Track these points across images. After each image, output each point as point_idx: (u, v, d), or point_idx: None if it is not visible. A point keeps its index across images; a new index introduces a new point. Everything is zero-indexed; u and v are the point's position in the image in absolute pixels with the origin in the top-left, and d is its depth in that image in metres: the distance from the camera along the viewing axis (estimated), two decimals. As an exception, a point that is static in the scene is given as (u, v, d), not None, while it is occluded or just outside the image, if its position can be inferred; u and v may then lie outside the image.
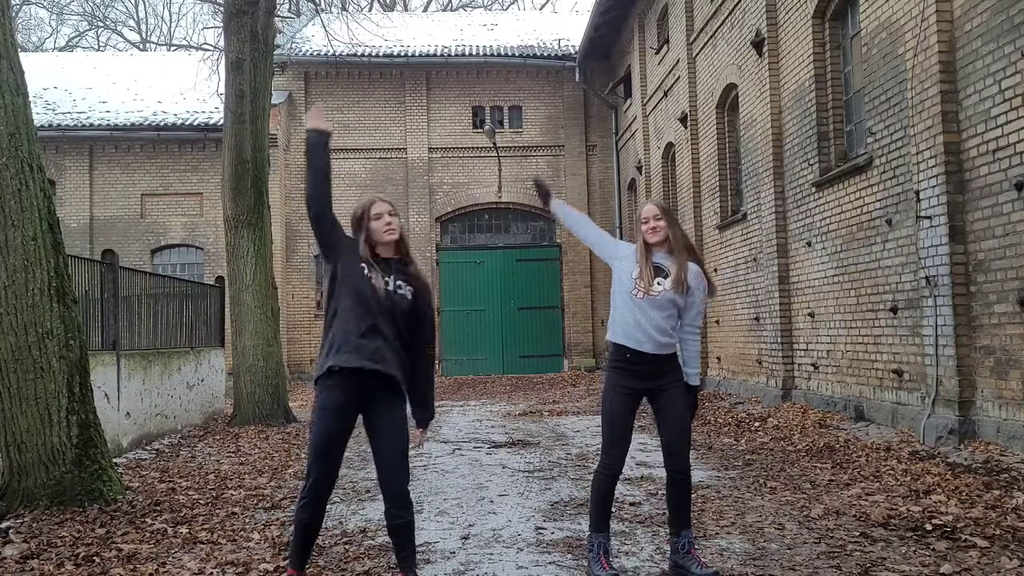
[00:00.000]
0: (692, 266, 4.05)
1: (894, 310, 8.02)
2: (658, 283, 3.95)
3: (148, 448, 9.11)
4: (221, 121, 14.16)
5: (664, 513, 5.26)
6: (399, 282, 3.68)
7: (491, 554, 4.51)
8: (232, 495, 6.29)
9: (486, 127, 20.27)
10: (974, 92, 6.72)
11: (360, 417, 3.70)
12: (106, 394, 8.28)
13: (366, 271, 3.64)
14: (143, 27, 41.72)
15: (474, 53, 20.48)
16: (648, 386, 3.99)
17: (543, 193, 4.45)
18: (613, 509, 5.43)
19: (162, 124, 19.34)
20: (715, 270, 13.58)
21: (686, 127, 14.67)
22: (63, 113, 19.86)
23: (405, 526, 3.65)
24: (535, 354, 20.38)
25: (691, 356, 4.07)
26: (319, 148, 3.71)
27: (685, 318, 4.03)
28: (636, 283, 3.97)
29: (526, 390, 16.58)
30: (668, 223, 4.02)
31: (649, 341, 3.93)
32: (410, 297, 3.70)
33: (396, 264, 3.75)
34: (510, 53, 20.49)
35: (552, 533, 4.91)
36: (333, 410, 3.60)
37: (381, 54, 20.12)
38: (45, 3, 38.35)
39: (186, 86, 20.90)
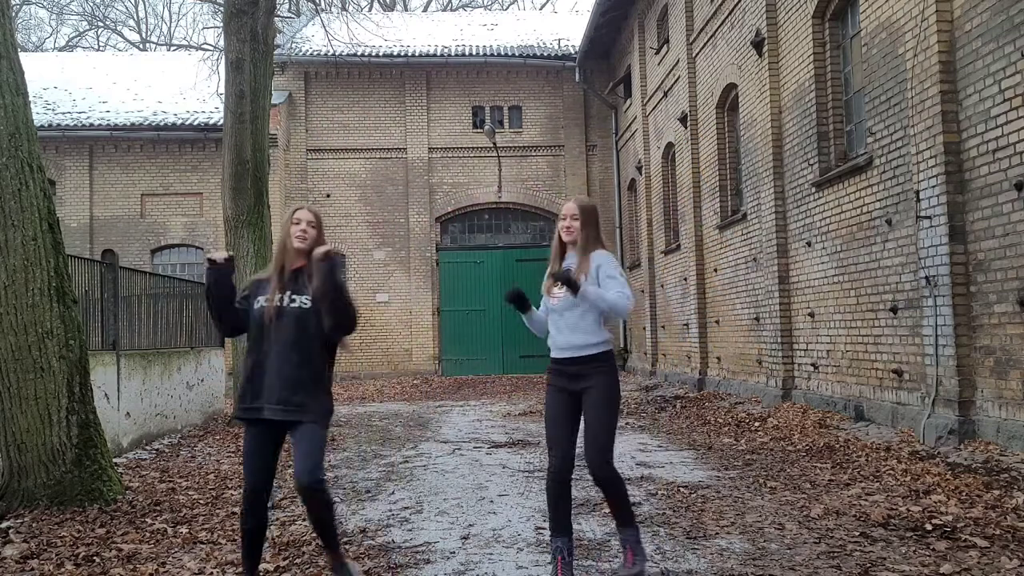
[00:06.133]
0: (596, 253, 3.93)
1: (894, 310, 8.02)
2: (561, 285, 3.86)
3: (148, 448, 9.11)
4: (221, 121, 14.16)
5: (663, 513, 5.27)
6: (294, 295, 3.78)
7: (491, 554, 4.51)
8: (232, 495, 6.29)
9: (486, 127, 20.27)
10: (974, 92, 6.72)
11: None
12: (106, 394, 8.28)
13: (259, 302, 3.80)
14: (143, 27, 41.77)
15: (474, 53, 20.48)
16: (578, 387, 3.90)
17: (568, 282, 3.82)
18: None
19: (162, 124, 19.35)
20: (715, 270, 13.58)
21: (686, 127, 14.68)
22: (63, 113, 19.87)
23: (316, 520, 3.81)
24: (535, 354, 20.32)
25: (608, 299, 3.79)
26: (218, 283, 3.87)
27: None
28: (548, 292, 3.98)
29: (526, 390, 16.58)
30: (583, 223, 3.95)
31: (568, 347, 3.91)
32: (308, 305, 3.76)
33: (298, 275, 3.82)
34: (510, 53, 20.50)
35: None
36: (254, 435, 3.80)
37: (381, 54, 20.13)
38: (45, 3, 38.40)
39: (186, 86, 20.91)
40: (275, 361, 3.72)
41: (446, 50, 20.63)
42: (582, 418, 3.92)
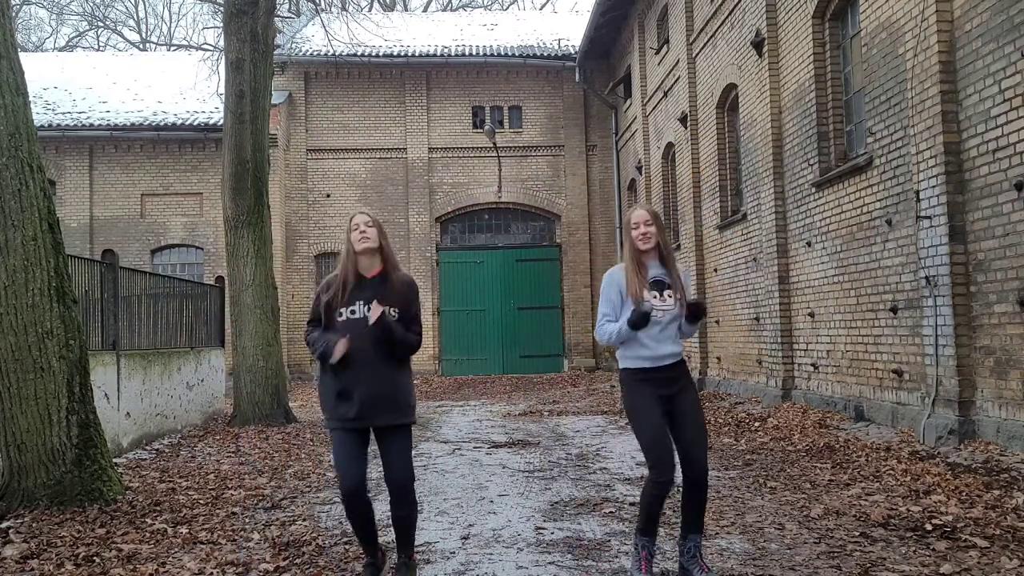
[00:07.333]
0: (681, 268, 4.10)
1: (894, 310, 8.02)
2: (667, 295, 3.92)
3: (148, 448, 9.11)
4: (221, 121, 14.16)
5: (663, 513, 5.26)
6: (384, 305, 3.85)
7: (491, 554, 4.51)
8: (232, 495, 6.29)
9: (486, 127, 20.27)
10: (974, 92, 6.72)
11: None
12: (106, 394, 8.28)
13: (349, 313, 3.84)
14: (143, 27, 41.76)
15: (474, 53, 20.48)
16: (671, 391, 3.92)
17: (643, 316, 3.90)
18: (613, 509, 5.47)
19: (162, 124, 19.34)
20: (715, 270, 13.58)
21: (686, 127, 14.67)
22: (63, 113, 19.86)
23: (403, 519, 3.92)
24: (535, 354, 20.38)
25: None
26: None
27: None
28: (650, 303, 3.87)
29: (526, 390, 16.58)
30: (658, 229, 3.96)
31: (670, 355, 3.93)
32: (396, 316, 3.87)
33: (379, 283, 3.90)
34: (510, 53, 20.49)
35: (552, 533, 4.91)
36: (346, 439, 3.89)
37: (381, 54, 20.12)
38: (45, 3, 38.39)
39: (186, 86, 20.91)
40: (370, 371, 3.82)
41: (446, 50, 20.63)
42: (679, 419, 3.92)
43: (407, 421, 3.94)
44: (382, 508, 5.76)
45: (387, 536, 4.53)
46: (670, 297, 3.93)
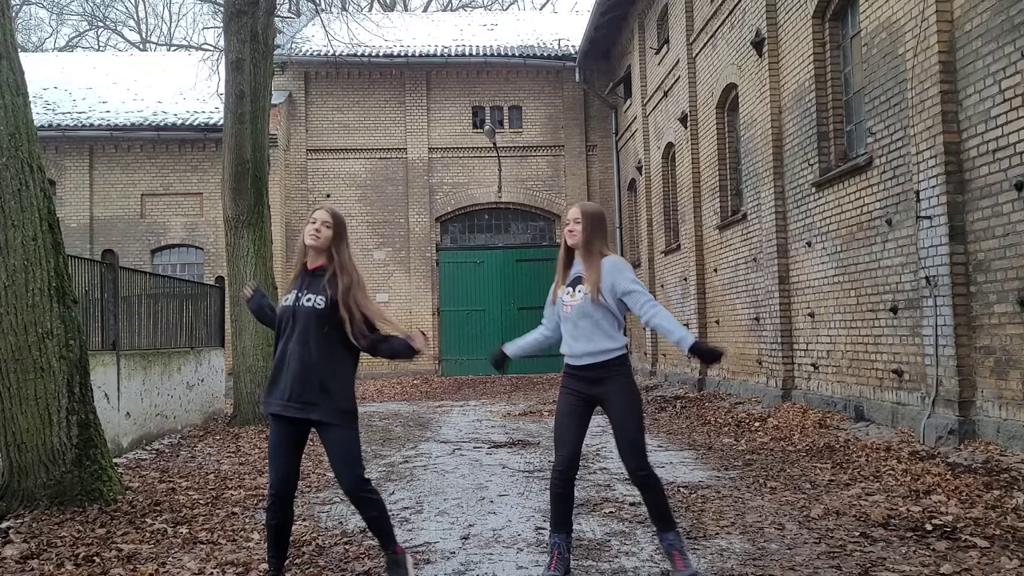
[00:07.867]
0: (607, 260, 3.91)
1: (894, 310, 8.02)
2: (578, 291, 3.93)
3: (148, 448, 9.11)
4: (221, 121, 14.16)
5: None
6: (309, 294, 3.83)
7: (491, 554, 4.51)
8: (232, 495, 6.29)
9: (486, 127, 20.27)
10: (974, 92, 6.72)
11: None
12: (106, 394, 8.28)
13: (284, 302, 3.94)
14: (143, 27, 41.77)
15: (474, 53, 20.48)
16: (595, 392, 3.93)
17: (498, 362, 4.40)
18: (613, 509, 5.47)
19: (162, 124, 19.34)
20: (715, 270, 13.58)
21: (686, 127, 14.68)
22: (63, 113, 19.86)
23: (371, 520, 3.89)
24: (535, 354, 20.34)
25: (667, 328, 3.84)
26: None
27: (632, 307, 3.88)
28: (561, 299, 4.01)
29: (526, 390, 16.58)
30: (585, 226, 3.94)
31: (585, 354, 3.92)
32: (321, 306, 3.78)
33: (315, 275, 3.88)
34: (510, 53, 20.49)
35: (552, 533, 4.91)
36: (275, 432, 3.88)
37: (381, 54, 20.12)
38: (45, 3, 38.40)
39: (186, 86, 20.91)
40: (291, 359, 3.78)
41: (446, 50, 20.63)
42: (612, 421, 3.95)
43: (330, 421, 3.74)
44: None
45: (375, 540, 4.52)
46: (579, 293, 3.93)
